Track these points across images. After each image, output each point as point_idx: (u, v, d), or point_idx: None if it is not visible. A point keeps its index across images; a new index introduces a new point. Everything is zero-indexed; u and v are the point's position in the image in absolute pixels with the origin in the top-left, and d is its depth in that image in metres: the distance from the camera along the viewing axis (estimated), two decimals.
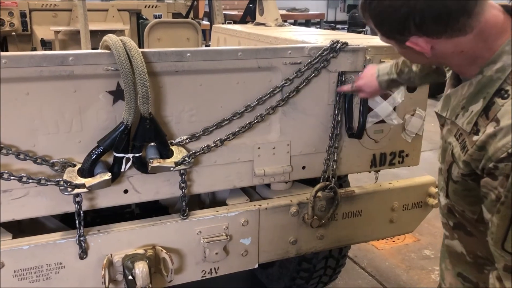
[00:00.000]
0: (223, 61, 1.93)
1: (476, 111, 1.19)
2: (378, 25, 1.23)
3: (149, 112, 1.74)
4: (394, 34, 1.21)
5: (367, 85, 2.04)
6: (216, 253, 2.01)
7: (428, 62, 1.34)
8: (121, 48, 1.71)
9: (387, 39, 1.26)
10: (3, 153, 1.64)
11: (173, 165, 1.85)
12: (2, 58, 1.61)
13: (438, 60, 1.27)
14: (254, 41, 2.89)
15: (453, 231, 1.44)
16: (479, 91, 1.20)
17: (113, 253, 1.86)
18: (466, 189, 1.27)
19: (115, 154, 1.76)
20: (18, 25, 5.20)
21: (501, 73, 1.16)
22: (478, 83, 1.20)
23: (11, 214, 1.77)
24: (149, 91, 1.71)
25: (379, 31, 1.25)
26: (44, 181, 1.70)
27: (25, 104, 1.70)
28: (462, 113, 1.24)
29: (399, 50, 1.31)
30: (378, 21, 1.21)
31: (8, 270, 1.74)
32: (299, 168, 2.21)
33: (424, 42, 1.18)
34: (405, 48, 1.23)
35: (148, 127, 1.76)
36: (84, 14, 3.78)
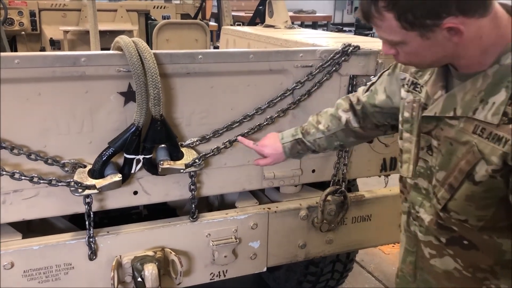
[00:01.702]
0: (235, 63, 1.92)
1: (500, 101, 1.15)
2: (408, 10, 1.11)
3: (161, 113, 1.74)
4: (425, 19, 1.11)
5: (271, 147, 1.83)
6: (225, 256, 2.00)
7: (442, 56, 1.23)
8: (133, 50, 1.71)
9: (408, 30, 1.15)
10: (15, 153, 1.64)
11: (183, 167, 1.85)
12: (15, 58, 1.61)
13: (457, 50, 1.19)
14: (264, 43, 2.89)
15: (446, 248, 1.35)
16: (499, 81, 1.17)
17: (122, 254, 1.86)
18: (488, 190, 1.20)
19: (125, 155, 1.76)
20: (28, 24, 5.22)
21: None
22: (496, 73, 1.18)
23: (21, 214, 1.77)
24: (160, 93, 1.71)
25: (402, 19, 1.13)
26: (55, 181, 1.70)
27: (37, 105, 1.70)
28: (482, 107, 1.19)
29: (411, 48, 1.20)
30: (412, 4, 1.10)
31: (18, 270, 1.74)
32: (309, 172, 2.20)
33: (460, 23, 1.11)
34: (428, 39, 1.15)
35: (159, 128, 1.76)
36: (94, 14, 3.79)
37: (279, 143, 1.82)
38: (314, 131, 1.79)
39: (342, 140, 1.79)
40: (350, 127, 1.75)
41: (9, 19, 5.06)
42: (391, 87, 1.61)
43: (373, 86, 1.72)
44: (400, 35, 1.18)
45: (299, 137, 1.80)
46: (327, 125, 1.78)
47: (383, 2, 1.14)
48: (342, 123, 1.75)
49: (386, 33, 1.21)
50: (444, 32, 1.13)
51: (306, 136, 1.80)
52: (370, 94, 1.72)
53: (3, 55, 1.61)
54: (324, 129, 1.78)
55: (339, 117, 1.76)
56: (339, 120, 1.76)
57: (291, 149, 1.81)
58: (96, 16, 3.79)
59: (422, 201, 1.40)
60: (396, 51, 1.25)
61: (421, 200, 1.41)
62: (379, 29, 1.22)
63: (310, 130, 1.80)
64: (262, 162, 1.86)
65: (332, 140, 1.78)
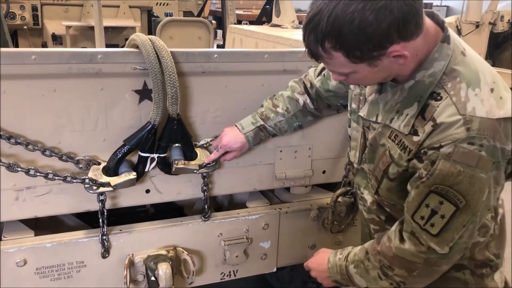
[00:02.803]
0: (250, 63, 1.92)
1: (412, 114, 1.31)
2: (355, 48, 1.18)
3: (178, 113, 1.73)
4: (372, 52, 1.19)
5: (233, 141, 1.84)
6: (236, 256, 2.00)
7: (387, 76, 1.32)
8: (150, 48, 1.70)
9: (357, 63, 1.22)
10: (30, 148, 1.63)
11: (197, 168, 1.84)
12: (32, 54, 1.60)
13: (400, 69, 1.29)
14: (273, 43, 2.89)
15: (385, 224, 1.57)
16: (413, 95, 1.31)
17: (135, 253, 1.85)
18: (401, 184, 1.39)
19: (140, 153, 1.75)
20: (29, 19, 5.20)
21: (432, 78, 1.28)
22: (411, 88, 1.32)
23: (34, 211, 1.76)
24: (178, 92, 1.70)
25: (351, 56, 1.20)
26: (70, 178, 1.69)
27: (52, 101, 1.68)
28: (397, 117, 1.35)
29: (360, 75, 1.28)
30: (358, 42, 1.17)
31: (31, 267, 1.73)
32: (319, 173, 2.20)
33: (402, 48, 1.21)
34: (376, 66, 1.24)
35: (176, 128, 1.75)
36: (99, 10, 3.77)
37: (241, 134, 1.84)
38: (273, 115, 1.84)
39: (301, 121, 1.89)
40: (307, 108, 1.86)
41: (11, 13, 5.03)
42: None
43: (326, 70, 1.80)
44: (349, 67, 1.27)
45: (261, 123, 1.84)
46: (286, 107, 1.85)
47: (329, 44, 1.20)
48: (300, 105, 1.85)
49: (336, 67, 1.29)
50: (390, 58, 1.22)
51: (267, 121, 1.84)
52: (323, 79, 1.82)
53: (21, 50, 1.60)
54: (283, 112, 1.85)
55: (297, 99, 1.86)
56: (296, 102, 1.86)
57: (254, 137, 1.85)
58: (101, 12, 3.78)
59: (366, 184, 1.59)
60: (345, 76, 1.34)
61: (365, 183, 1.60)
62: (328, 65, 1.31)
63: (269, 115, 1.85)
64: (229, 157, 1.88)
65: (292, 122, 1.87)
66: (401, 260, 1.37)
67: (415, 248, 1.33)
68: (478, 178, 1.22)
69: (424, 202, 1.28)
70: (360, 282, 1.52)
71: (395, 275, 1.41)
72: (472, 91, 1.24)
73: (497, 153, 1.23)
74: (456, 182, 1.22)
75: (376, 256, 1.45)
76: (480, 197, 1.25)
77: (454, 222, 1.27)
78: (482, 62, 1.33)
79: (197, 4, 5.86)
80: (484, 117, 1.22)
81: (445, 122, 1.24)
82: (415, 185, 1.30)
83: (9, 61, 1.57)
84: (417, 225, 1.31)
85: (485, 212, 1.32)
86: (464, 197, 1.23)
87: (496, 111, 1.23)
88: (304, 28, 1.25)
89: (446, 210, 1.26)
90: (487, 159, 1.22)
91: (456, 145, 1.21)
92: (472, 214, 1.26)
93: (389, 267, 1.41)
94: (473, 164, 1.21)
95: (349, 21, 1.15)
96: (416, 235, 1.33)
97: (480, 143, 1.21)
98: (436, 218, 1.28)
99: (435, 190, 1.25)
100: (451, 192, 1.23)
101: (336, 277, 1.60)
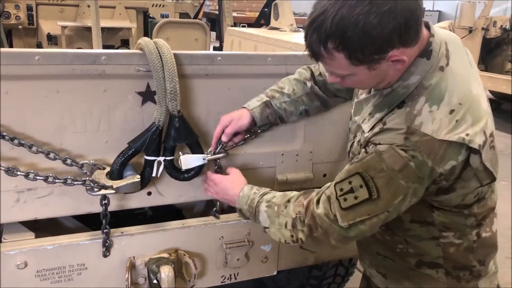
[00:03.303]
0: (253, 66, 1.92)
1: (378, 117, 1.40)
2: (357, 50, 1.22)
3: (178, 109, 1.71)
4: (374, 55, 1.23)
5: (238, 116, 1.80)
6: (238, 259, 1.99)
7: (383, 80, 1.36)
8: (152, 46, 1.71)
9: (357, 65, 1.26)
10: (33, 151, 1.61)
11: (205, 156, 1.80)
12: (36, 55, 1.58)
13: (396, 75, 1.34)
14: (272, 46, 2.89)
15: None
16: (386, 102, 1.39)
17: (136, 255, 1.84)
18: None
19: (146, 157, 1.73)
20: (24, 18, 5.16)
21: (406, 90, 1.34)
22: (386, 95, 1.40)
23: (34, 213, 1.75)
24: (177, 87, 1.68)
25: (353, 58, 1.24)
26: (71, 180, 1.67)
27: (55, 102, 1.67)
28: (368, 119, 1.45)
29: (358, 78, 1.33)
30: (361, 44, 1.20)
31: (31, 270, 1.71)
32: (320, 176, 2.21)
33: (401, 54, 1.25)
34: (374, 70, 1.28)
35: (178, 125, 1.72)
36: (96, 11, 3.77)
37: (246, 110, 1.80)
38: (279, 95, 1.82)
39: (308, 105, 1.86)
40: (315, 91, 1.84)
41: (6, 13, 4.99)
42: None
43: None
44: (349, 70, 1.30)
45: (267, 99, 1.81)
46: (293, 89, 1.83)
47: (332, 44, 1.23)
48: (307, 87, 1.84)
49: (335, 69, 1.33)
50: (389, 62, 1.27)
51: (273, 100, 1.82)
52: None
53: (24, 51, 1.58)
54: (290, 93, 1.83)
55: (304, 82, 1.84)
56: (304, 84, 1.84)
57: (261, 113, 1.80)
58: (99, 13, 3.78)
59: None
60: (341, 79, 1.39)
61: None
62: (328, 66, 1.35)
63: (275, 95, 1.82)
64: (237, 139, 1.85)
65: (298, 105, 1.84)
66: (311, 218, 1.44)
67: (324, 211, 1.41)
68: (396, 183, 1.29)
69: (349, 179, 1.36)
70: (263, 221, 1.57)
71: (300, 230, 1.48)
72: (428, 107, 1.30)
73: (425, 169, 1.27)
74: (377, 176, 1.30)
75: (297, 207, 1.50)
76: (391, 199, 1.32)
77: (361, 207, 1.34)
78: (459, 82, 1.34)
79: (193, 6, 5.86)
80: (427, 134, 1.27)
81: (390, 127, 1.32)
82: (351, 162, 1.41)
83: (12, 62, 1.56)
84: (334, 193, 1.39)
85: (393, 214, 1.37)
86: (378, 192, 1.31)
87: (443, 132, 1.27)
88: (307, 28, 1.27)
89: (361, 194, 1.34)
90: (413, 170, 1.27)
91: (391, 147, 1.28)
92: (380, 209, 1.33)
93: (302, 222, 1.47)
94: (397, 168, 1.28)
95: (354, 23, 1.18)
96: (330, 200, 1.40)
97: (413, 154, 1.26)
98: (350, 195, 1.35)
99: (361, 173, 1.33)
100: (371, 182, 1.31)
101: (242, 206, 1.64)
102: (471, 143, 1.27)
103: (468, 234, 1.49)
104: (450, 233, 1.47)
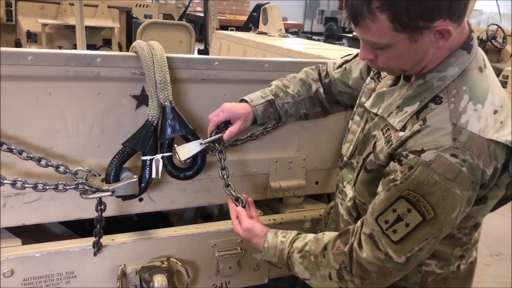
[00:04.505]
0: (249, 71, 1.90)
1: (410, 112, 1.26)
2: (403, 11, 1.11)
3: (170, 99, 1.64)
4: (419, 21, 1.13)
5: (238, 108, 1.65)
6: (230, 267, 1.96)
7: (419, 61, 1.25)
8: (142, 42, 1.71)
9: (399, 32, 1.15)
10: (23, 157, 1.54)
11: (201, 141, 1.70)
12: (29, 55, 1.53)
13: (433, 56, 1.23)
14: (263, 51, 2.87)
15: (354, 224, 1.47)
16: (417, 94, 1.27)
17: (127, 263, 1.79)
18: (375, 179, 1.34)
19: (142, 157, 1.67)
20: (2, 14, 5.02)
21: (441, 82, 1.24)
22: (418, 86, 1.28)
23: (22, 218, 1.69)
24: (167, 77, 1.63)
25: (396, 21, 1.13)
26: (62, 186, 1.61)
27: (47, 104, 1.62)
28: (396, 112, 1.31)
29: (396, 51, 1.21)
30: (408, 5, 1.10)
31: (18, 278, 1.64)
32: (312, 184, 2.20)
33: (448, 27, 1.15)
34: (415, 42, 1.17)
35: (172, 117, 1.65)
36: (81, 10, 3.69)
37: (247, 105, 1.66)
38: (283, 94, 1.71)
39: (308, 109, 1.76)
40: (318, 96, 1.75)
41: None
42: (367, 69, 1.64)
43: (348, 64, 1.73)
44: (389, 37, 1.18)
45: (271, 98, 1.69)
46: (297, 90, 1.73)
47: (377, 2, 1.12)
48: (312, 91, 1.74)
49: (374, 35, 1.20)
50: (431, 35, 1.16)
51: (276, 99, 1.70)
52: (344, 72, 1.72)
53: (17, 51, 1.52)
54: (294, 94, 1.72)
55: (310, 84, 1.76)
56: (309, 87, 1.75)
57: (263, 111, 1.66)
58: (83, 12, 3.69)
59: (351, 179, 1.52)
60: (375, 55, 1.27)
61: (350, 178, 1.53)
62: (366, 32, 1.20)
63: (279, 93, 1.71)
64: (234, 129, 1.63)
65: (299, 108, 1.74)
66: (359, 266, 1.30)
67: (372, 254, 1.26)
68: (452, 193, 1.17)
69: (392, 207, 1.22)
70: (301, 273, 1.42)
71: (350, 281, 1.33)
72: (472, 105, 1.20)
73: (478, 173, 1.18)
74: (429, 192, 1.17)
75: (339, 257, 1.34)
76: (449, 213, 1.19)
77: (417, 233, 1.21)
78: (497, 85, 1.29)
79: (176, 7, 5.79)
80: (475, 133, 1.17)
81: (434, 125, 1.19)
82: (387, 187, 1.24)
83: (4, 62, 1.50)
84: (379, 229, 1.25)
85: (449, 229, 1.26)
86: (434, 210, 1.18)
87: (490, 131, 1.19)
88: None
89: (412, 219, 1.20)
90: (467, 176, 1.17)
91: (438, 153, 1.16)
92: (438, 228, 1.21)
93: (350, 271, 1.32)
94: (451, 177, 1.16)
95: None
96: (375, 238, 1.26)
97: (464, 157, 1.16)
98: (400, 225, 1.21)
99: (406, 196, 1.19)
100: (422, 202, 1.18)
101: (271, 259, 1.49)
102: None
103: (450, 265, 1.43)
104: (434, 261, 1.41)
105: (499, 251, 4.04)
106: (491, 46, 8.55)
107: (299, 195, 2.21)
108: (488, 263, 3.85)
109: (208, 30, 4.74)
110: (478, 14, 17.16)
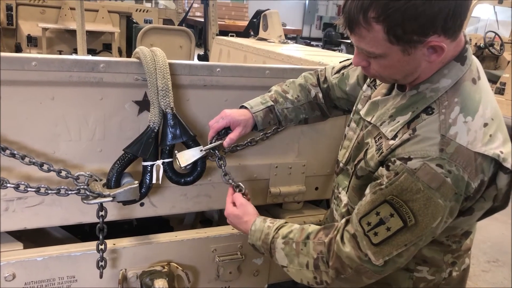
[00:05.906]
0: (251, 78, 1.91)
1: (402, 121, 1.28)
2: (398, 24, 1.12)
3: (171, 106, 1.65)
4: (413, 35, 1.14)
5: (238, 114, 1.66)
6: (230, 272, 1.97)
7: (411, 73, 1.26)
8: (145, 48, 1.71)
9: (393, 44, 1.16)
10: (26, 162, 1.55)
11: (201, 148, 1.72)
12: (33, 60, 1.54)
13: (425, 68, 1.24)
14: (263, 57, 2.89)
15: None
16: (410, 104, 1.29)
17: (128, 268, 1.80)
18: (366, 185, 1.35)
19: (143, 163, 1.69)
20: (3, 18, 5.04)
21: (434, 93, 1.25)
22: (412, 97, 1.29)
23: (24, 222, 1.70)
24: (169, 84, 1.65)
25: (391, 33, 1.14)
26: (64, 191, 1.62)
27: (50, 109, 1.63)
28: (388, 122, 1.32)
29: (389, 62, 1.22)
30: (404, 18, 1.11)
31: (19, 282, 1.65)
32: (312, 189, 2.21)
33: (442, 43, 1.16)
34: (408, 55, 1.18)
35: (173, 123, 1.67)
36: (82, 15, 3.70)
37: (247, 111, 1.66)
38: (282, 100, 1.72)
39: (308, 114, 1.78)
40: (317, 100, 1.77)
41: None
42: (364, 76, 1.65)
43: (345, 70, 1.74)
44: (382, 48, 1.19)
45: (271, 104, 1.69)
46: (297, 95, 1.74)
47: (374, 13, 1.13)
48: (311, 96, 1.76)
49: (369, 44, 1.21)
50: (424, 50, 1.18)
51: (276, 105, 1.71)
52: (341, 78, 1.74)
53: (21, 56, 1.54)
54: (293, 99, 1.73)
55: (309, 90, 1.77)
56: (308, 92, 1.77)
57: (264, 118, 1.67)
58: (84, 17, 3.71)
59: (347, 185, 1.52)
60: (367, 63, 1.28)
61: (346, 184, 1.52)
62: (361, 40, 1.22)
63: (278, 99, 1.72)
64: (234, 135, 1.64)
65: (299, 112, 1.75)
66: (337, 259, 1.31)
67: (353, 252, 1.28)
68: (434, 203, 1.18)
69: (376, 210, 1.24)
70: (281, 260, 1.44)
71: (325, 272, 1.35)
72: (463, 117, 1.21)
73: (462, 184, 1.18)
74: (412, 199, 1.18)
75: (318, 246, 1.36)
76: (430, 222, 1.20)
77: (397, 238, 1.23)
78: (490, 97, 1.29)
79: (177, 13, 5.82)
80: (463, 145, 1.18)
81: (423, 135, 1.21)
82: (373, 190, 1.26)
83: (8, 67, 1.51)
84: (361, 229, 1.27)
85: (429, 238, 1.27)
86: (415, 217, 1.19)
87: (478, 144, 1.19)
88: None
89: (393, 223, 1.22)
90: (451, 187, 1.17)
91: (424, 162, 1.17)
92: (417, 236, 1.22)
93: (326, 263, 1.34)
94: (435, 186, 1.17)
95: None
96: (357, 239, 1.28)
97: (449, 168, 1.17)
98: (381, 228, 1.23)
99: (390, 200, 1.21)
100: (404, 208, 1.19)
101: (256, 242, 1.51)
102: (504, 162, 1.21)
103: (442, 271, 1.44)
104: (426, 267, 1.42)
105: (497, 257, 4.05)
106: (489, 53, 8.59)
107: (298, 201, 2.23)
108: (486, 270, 3.86)
109: (208, 35, 4.76)
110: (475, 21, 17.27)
